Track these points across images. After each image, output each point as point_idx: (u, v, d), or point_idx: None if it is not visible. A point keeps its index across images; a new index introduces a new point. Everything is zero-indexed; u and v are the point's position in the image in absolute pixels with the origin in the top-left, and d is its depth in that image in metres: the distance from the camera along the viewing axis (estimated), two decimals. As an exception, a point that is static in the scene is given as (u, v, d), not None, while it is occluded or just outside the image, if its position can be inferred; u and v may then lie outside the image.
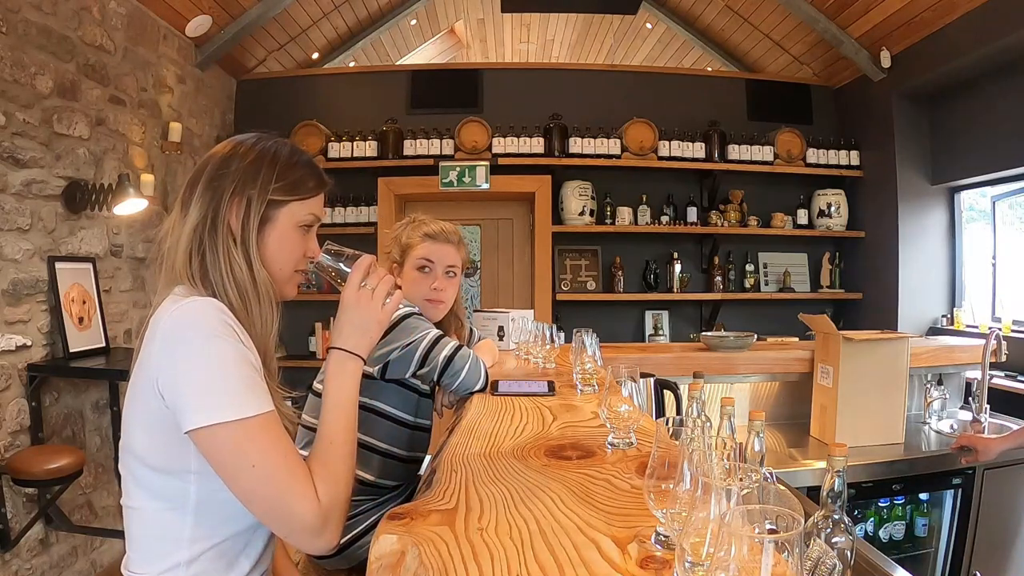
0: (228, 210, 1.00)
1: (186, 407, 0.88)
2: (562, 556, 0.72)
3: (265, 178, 1.02)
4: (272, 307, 1.03)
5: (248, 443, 0.88)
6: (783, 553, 0.49)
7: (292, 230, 1.05)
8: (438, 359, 1.60)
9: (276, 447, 0.90)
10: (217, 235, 1.00)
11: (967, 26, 3.50)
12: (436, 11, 5.79)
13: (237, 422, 0.87)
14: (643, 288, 4.58)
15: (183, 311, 0.92)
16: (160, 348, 0.91)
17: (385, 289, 1.05)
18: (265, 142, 1.06)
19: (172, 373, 0.89)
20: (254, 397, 0.90)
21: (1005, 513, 2.49)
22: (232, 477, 0.89)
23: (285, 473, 0.89)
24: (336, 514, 0.92)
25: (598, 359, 1.68)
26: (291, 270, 1.08)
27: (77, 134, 3.01)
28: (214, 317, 0.92)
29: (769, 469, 1.24)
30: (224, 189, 1.00)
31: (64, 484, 2.57)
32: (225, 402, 0.88)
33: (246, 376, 0.91)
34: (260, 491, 0.88)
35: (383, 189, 4.39)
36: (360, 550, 1.60)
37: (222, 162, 1.03)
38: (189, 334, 0.90)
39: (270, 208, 1.03)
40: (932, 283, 4.23)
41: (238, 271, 1.00)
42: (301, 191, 1.05)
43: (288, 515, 0.89)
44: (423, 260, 1.79)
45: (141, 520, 0.97)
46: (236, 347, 0.92)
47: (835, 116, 4.75)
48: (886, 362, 2.48)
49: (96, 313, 3.05)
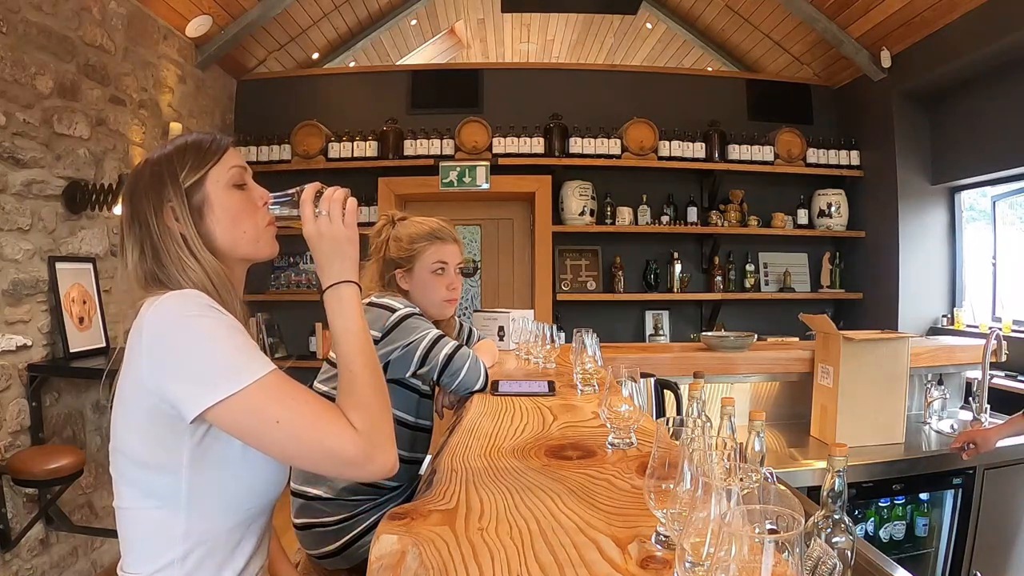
0: (159, 224, 1.00)
1: (192, 392, 0.87)
2: (562, 556, 0.72)
3: (169, 174, 1.01)
4: (232, 294, 1.03)
5: (267, 402, 0.88)
6: (783, 553, 0.49)
7: (227, 193, 1.04)
8: (438, 358, 1.60)
9: (294, 396, 0.90)
10: (160, 252, 1.00)
11: (967, 26, 3.50)
12: (436, 11, 5.79)
13: (249, 387, 0.87)
14: (643, 288, 4.58)
15: (162, 304, 0.91)
16: (148, 345, 0.90)
17: (339, 206, 1.00)
18: (154, 152, 1.06)
19: (169, 365, 0.89)
20: (254, 361, 0.90)
21: (1005, 513, 2.49)
22: (261, 440, 0.89)
23: (311, 417, 0.89)
24: (378, 436, 0.91)
25: (598, 359, 1.68)
26: (257, 227, 1.06)
27: (77, 134, 3.01)
28: (193, 302, 0.92)
29: (769, 469, 1.24)
30: (145, 211, 1.01)
31: (64, 484, 2.57)
32: (231, 372, 0.87)
33: (240, 344, 0.91)
34: (294, 443, 0.88)
35: (383, 189, 4.39)
36: (360, 550, 1.60)
37: (131, 192, 1.04)
38: (174, 322, 0.90)
39: (193, 192, 1.02)
40: (932, 283, 4.22)
41: (192, 271, 1.00)
42: (208, 159, 1.04)
43: (331, 454, 0.89)
44: (440, 264, 1.80)
45: (133, 520, 0.97)
46: (223, 319, 0.92)
47: (835, 116, 4.74)
48: (886, 362, 2.48)
49: (96, 313, 3.05)
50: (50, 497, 2.64)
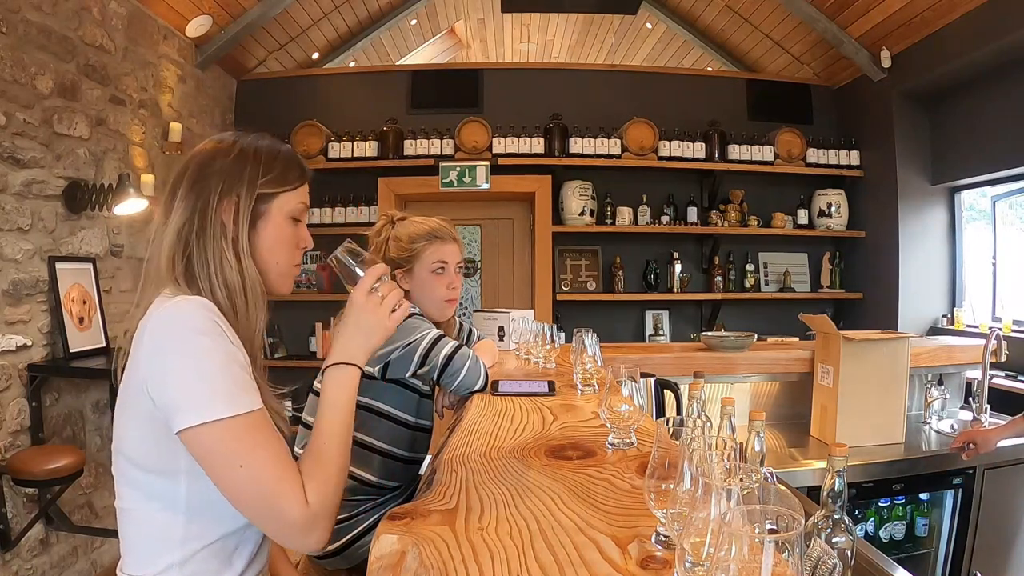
0: (217, 209, 0.99)
1: (175, 407, 0.88)
2: (562, 556, 0.72)
3: (252, 173, 1.01)
4: (260, 306, 1.03)
5: (236, 442, 0.88)
6: (783, 553, 0.49)
7: (284, 221, 1.06)
8: (438, 358, 1.60)
9: (265, 446, 0.89)
10: (206, 235, 0.99)
11: (967, 26, 3.50)
12: (436, 11, 5.79)
13: (225, 420, 0.87)
14: (643, 288, 4.58)
15: (170, 311, 0.91)
16: (148, 349, 0.91)
17: (394, 300, 1.06)
18: (245, 137, 1.06)
19: (161, 374, 0.89)
20: (243, 395, 0.90)
21: (1005, 513, 2.49)
22: (220, 476, 0.89)
23: (273, 473, 0.89)
24: (324, 515, 0.92)
25: (598, 359, 1.68)
26: (288, 264, 1.08)
27: (77, 134, 3.01)
28: (201, 316, 0.92)
29: (769, 469, 1.24)
30: (210, 189, 0.99)
31: (64, 484, 2.57)
32: (213, 401, 0.87)
33: (234, 374, 0.91)
34: (248, 491, 0.88)
35: (383, 189, 4.39)
36: (360, 550, 1.60)
37: (204, 161, 1.02)
38: (176, 333, 0.90)
39: (260, 202, 1.03)
40: (932, 283, 4.22)
41: (228, 270, 0.99)
42: (288, 181, 1.06)
43: (276, 515, 0.89)
44: (440, 263, 1.80)
45: (134, 521, 0.97)
46: (224, 345, 0.92)
47: (835, 116, 4.74)
48: (886, 362, 2.48)
49: (96, 313, 3.05)
50: (50, 497, 2.64)
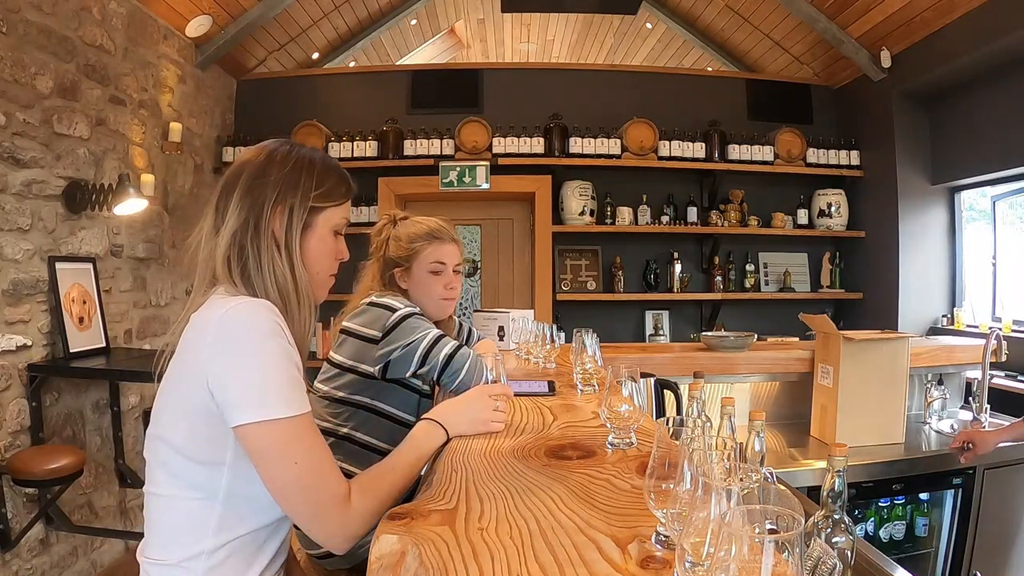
0: (271, 216, 1.05)
1: (237, 403, 0.92)
2: (562, 556, 0.72)
3: (306, 186, 1.08)
4: (310, 309, 1.09)
5: (295, 440, 0.93)
6: (783, 553, 0.49)
7: (328, 234, 1.12)
8: (438, 358, 1.61)
9: (319, 445, 0.97)
10: (260, 240, 1.04)
11: (967, 26, 3.50)
12: (436, 11, 5.79)
13: (286, 419, 0.92)
14: (643, 288, 4.58)
15: (237, 311, 0.96)
16: (213, 346, 0.94)
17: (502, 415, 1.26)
18: (299, 149, 1.11)
19: (224, 370, 0.93)
20: (300, 396, 0.96)
21: (1005, 513, 2.49)
22: (273, 470, 0.93)
23: (326, 470, 0.96)
24: (358, 523, 0.98)
25: (598, 359, 1.68)
26: (327, 274, 1.15)
27: (77, 134, 3.01)
28: (266, 317, 0.96)
29: (769, 469, 1.24)
30: (265, 196, 1.05)
31: (64, 484, 2.57)
32: (276, 400, 0.92)
33: (293, 376, 0.96)
34: (298, 484, 0.94)
35: (383, 189, 4.39)
36: (360, 550, 1.59)
37: (260, 170, 1.07)
38: (243, 333, 0.94)
39: (311, 215, 1.08)
40: (932, 283, 4.22)
41: (280, 274, 1.04)
42: (336, 197, 1.12)
43: (318, 508, 0.95)
44: (437, 263, 1.81)
45: (168, 508, 0.98)
46: (285, 347, 0.97)
47: (835, 116, 4.74)
48: (886, 362, 2.48)
49: (96, 313, 3.05)
50: (50, 497, 2.64)
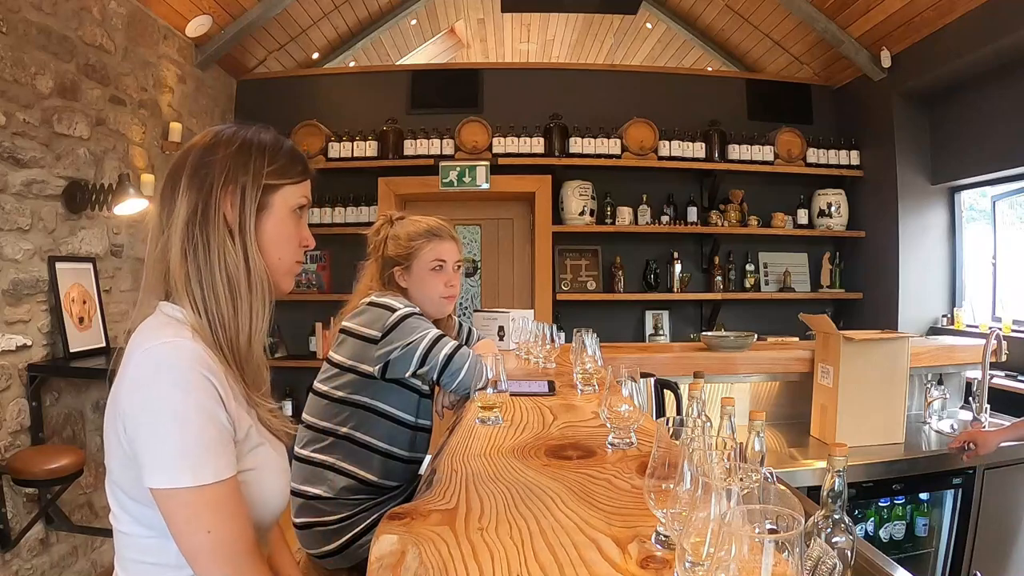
0: (221, 199, 0.96)
1: (144, 462, 0.85)
2: (562, 556, 0.72)
3: (258, 163, 0.99)
4: (264, 300, 1.00)
5: (204, 510, 0.85)
6: (783, 553, 0.49)
7: (288, 215, 1.03)
8: (438, 358, 1.61)
9: (235, 516, 0.87)
10: (208, 227, 0.95)
11: (967, 26, 3.50)
12: (436, 11, 5.79)
13: (194, 489, 0.84)
14: (643, 288, 4.58)
15: (156, 353, 0.87)
16: (127, 389, 0.87)
17: None
18: (246, 129, 1.03)
19: (135, 420, 0.85)
20: (213, 461, 0.86)
21: (1005, 513, 2.49)
22: (183, 537, 0.86)
23: (242, 546, 0.87)
24: None
25: (598, 359, 1.68)
26: (290, 259, 1.05)
27: (77, 134, 3.01)
28: (189, 367, 0.87)
29: (769, 469, 1.23)
30: (213, 179, 0.96)
31: (64, 484, 2.57)
32: (183, 465, 0.84)
33: (209, 437, 0.86)
34: (212, 554, 0.86)
35: (383, 189, 4.39)
36: (360, 549, 1.60)
37: (205, 152, 0.98)
38: (159, 386, 0.85)
39: (265, 194, 1.00)
40: (932, 283, 4.22)
41: (232, 263, 0.96)
42: (292, 175, 1.03)
43: None
44: (438, 261, 1.81)
45: (127, 543, 0.93)
46: (203, 402, 0.87)
47: (835, 116, 4.74)
48: (886, 362, 2.48)
49: (96, 313, 3.05)
50: (50, 497, 2.64)
